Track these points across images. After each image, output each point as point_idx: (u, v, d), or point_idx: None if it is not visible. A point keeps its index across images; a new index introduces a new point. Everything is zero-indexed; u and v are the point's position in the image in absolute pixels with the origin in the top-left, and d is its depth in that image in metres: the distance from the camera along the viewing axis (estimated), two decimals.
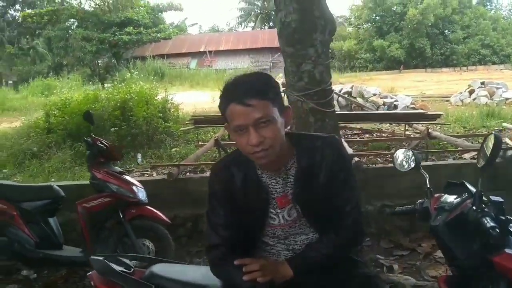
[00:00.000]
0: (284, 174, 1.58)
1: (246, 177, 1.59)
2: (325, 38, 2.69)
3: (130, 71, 17.11)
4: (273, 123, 1.42)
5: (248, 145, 1.42)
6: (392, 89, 15.60)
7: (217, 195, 1.61)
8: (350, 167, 1.64)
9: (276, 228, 1.63)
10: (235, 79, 1.47)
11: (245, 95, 1.39)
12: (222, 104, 1.47)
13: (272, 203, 1.60)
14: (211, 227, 1.63)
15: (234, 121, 1.43)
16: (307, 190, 1.57)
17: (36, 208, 3.54)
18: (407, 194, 4.40)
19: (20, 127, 8.90)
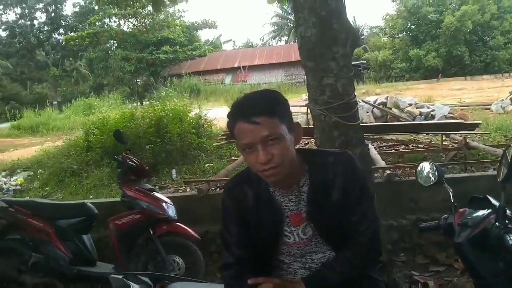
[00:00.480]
0: (296, 191, 1.56)
1: (259, 195, 1.57)
2: (346, 51, 2.66)
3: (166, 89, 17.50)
4: (281, 140, 1.40)
5: (257, 163, 1.41)
6: (430, 99, 15.23)
7: (230, 213, 1.61)
8: (364, 183, 1.59)
9: (291, 246, 1.61)
10: (243, 98, 1.47)
11: (252, 113, 1.39)
12: (230, 123, 1.47)
13: (286, 221, 1.58)
14: (225, 245, 1.63)
15: (241, 140, 1.43)
16: (320, 207, 1.54)
17: (70, 225, 3.65)
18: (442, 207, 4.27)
19: (61, 146, 9.23)
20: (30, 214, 3.60)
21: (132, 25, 30.02)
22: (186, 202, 4.53)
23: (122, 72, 28.97)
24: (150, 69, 29.96)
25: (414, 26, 34.42)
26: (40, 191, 6.81)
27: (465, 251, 1.54)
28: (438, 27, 32.27)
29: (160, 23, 29.36)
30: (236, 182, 1.65)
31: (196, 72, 31.04)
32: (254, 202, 1.58)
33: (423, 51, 32.03)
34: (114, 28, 30.07)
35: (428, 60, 31.58)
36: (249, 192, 1.58)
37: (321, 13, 2.60)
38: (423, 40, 33.35)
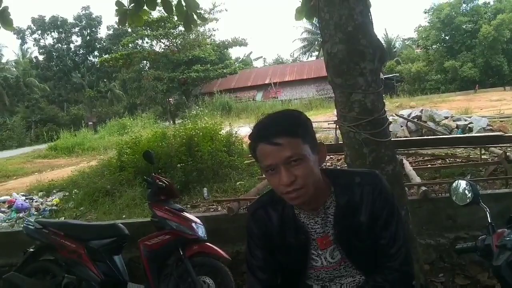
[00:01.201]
0: (323, 213, 1.50)
1: (283, 217, 1.53)
2: (374, 66, 2.59)
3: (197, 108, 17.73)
4: (304, 161, 1.35)
5: (280, 185, 1.36)
6: (467, 111, 14.82)
7: (254, 237, 1.57)
8: (393, 203, 1.51)
9: (319, 270, 1.54)
10: (264, 118, 1.43)
11: (273, 134, 1.35)
12: (251, 145, 1.43)
13: (313, 244, 1.52)
14: (250, 270, 1.58)
15: (263, 161, 1.38)
16: (348, 230, 1.48)
17: (102, 246, 3.67)
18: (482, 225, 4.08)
19: (95, 166, 9.44)
20: (63, 236, 3.65)
21: (164, 45, 30.75)
22: (216, 221, 4.51)
23: (155, 91, 29.60)
24: (182, 88, 30.51)
25: (448, 37, 33.81)
26: (75, 211, 6.94)
27: (504, 275, 1.44)
28: (473, 37, 31.58)
29: (191, 42, 29.92)
30: (259, 205, 1.60)
31: (227, 90, 31.40)
32: (279, 225, 1.53)
33: (459, 62, 31.37)
34: (147, 48, 30.89)
35: (464, 71, 30.89)
36: (274, 214, 1.54)
37: (347, 28, 2.55)
38: (458, 50, 32.67)
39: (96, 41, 40.40)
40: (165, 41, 30.31)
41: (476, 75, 30.85)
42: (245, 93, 33.61)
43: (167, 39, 29.93)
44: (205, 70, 29.00)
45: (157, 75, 28.83)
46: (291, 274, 1.57)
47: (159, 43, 30.78)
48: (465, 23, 32.14)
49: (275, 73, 35.79)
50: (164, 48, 30.60)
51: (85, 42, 40.05)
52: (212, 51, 30.50)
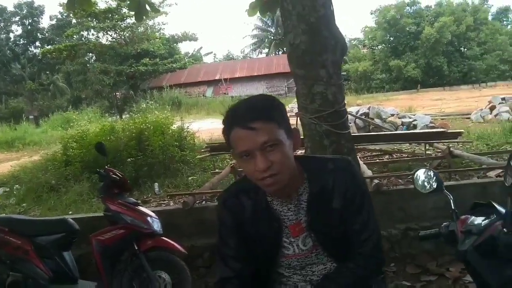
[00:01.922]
0: (296, 200, 1.48)
1: (256, 205, 1.49)
2: (336, 58, 2.62)
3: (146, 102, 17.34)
4: (280, 146, 1.33)
5: (256, 171, 1.33)
6: (410, 109, 15.44)
7: (226, 226, 1.52)
8: (365, 190, 1.52)
9: (290, 258, 1.53)
10: (238, 103, 1.39)
11: (248, 118, 1.31)
12: (225, 130, 1.38)
13: (285, 231, 1.50)
14: (221, 259, 1.53)
15: (238, 147, 1.34)
16: (321, 216, 1.47)
17: (50, 242, 3.48)
18: (432, 216, 4.25)
19: (38, 160, 9.01)
20: (7, 231, 3.42)
21: (111, 38, 29.83)
22: (171, 216, 4.41)
23: (101, 85, 28.66)
24: (129, 82, 29.76)
25: (393, 38, 35.16)
26: (17, 207, 6.58)
27: (470, 259, 1.48)
28: (416, 39, 33.01)
29: (139, 35, 29.24)
30: (231, 192, 1.56)
31: (177, 85, 30.94)
32: (251, 212, 1.50)
33: (403, 62, 32.68)
34: (93, 41, 29.80)
35: (408, 71, 32.23)
36: (246, 202, 1.50)
37: (310, 19, 2.56)
38: (402, 51, 34.05)
39: (38, 31, 38.60)
40: (112, 34, 29.40)
41: (419, 75, 32.29)
42: (195, 88, 33.29)
43: (114, 32, 29.04)
44: (154, 64, 28.45)
45: (104, 68, 27.92)
46: (263, 262, 1.55)
47: (106, 35, 29.83)
48: (409, 25, 33.54)
49: (226, 69, 35.70)
50: (111, 40, 29.68)
51: (26, 31, 38.17)
52: (161, 45, 29.95)
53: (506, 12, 41.47)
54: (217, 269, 1.55)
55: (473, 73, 32.83)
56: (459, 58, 33.85)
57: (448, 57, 33.37)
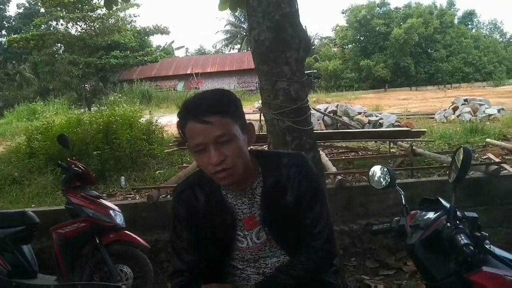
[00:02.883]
0: (250, 194, 1.51)
1: (210, 198, 1.51)
2: (299, 55, 2.65)
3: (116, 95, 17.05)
4: (234, 140, 1.35)
5: (209, 164, 1.35)
6: (377, 107, 15.73)
7: (180, 218, 1.53)
8: (318, 184, 1.55)
9: (244, 251, 1.55)
10: (194, 96, 1.41)
11: (203, 112, 1.32)
12: (180, 123, 1.39)
13: (239, 225, 1.52)
14: (174, 251, 1.55)
15: (193, 140, 1.35)
16: (274, 210, 1.50)
17: (9, 235, 3.41)
18: (392, 212, 4.36)
19: (1, 152, 8.76)
20: None
21: (81, 29, 29.12)
22: (135, 210, 4.40)
23: (70, 76, 27.96)
24: (99, 74, 29.16)
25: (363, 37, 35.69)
26: None
27: (417, 252, 1.54)
28: (386, 39, 33.60)
29: (110, 27, 28.64)
30: (186, 185, 1.57)
31: (148, 78, 30.54)
32: (205, 205, 1.51)
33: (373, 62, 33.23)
34: (61, 31, 29.02)
35: (377, 70, 32.81)
36: (200, 195, 1.52)
37: (275, 17, 2.58)
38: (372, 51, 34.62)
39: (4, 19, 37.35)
40: (82, 24, 28.66)
41: (388, 75, 32.91)
42: (166, 82, 32.93)
43: (84, 22, 28.33)
44: (125, 56, 27.92)
45: (73, 59, 27.20)
46: (217, 255, 1.56)
47: (75, 26, 29.06)
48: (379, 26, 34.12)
49: (197, 64, 35.43)
50: (81, 31, 28.96)
51: None
52: (132, 37, 29.43)
53: (471, 16, 42.73)
54: (171, 261, 1.57)
55: (439, 74, 33.72)
56: (426, 60, 34.71)
57: (416, 58, 34.18)
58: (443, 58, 33.99)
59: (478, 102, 13.15)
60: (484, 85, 29.61)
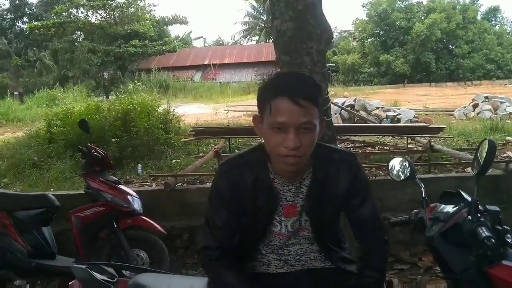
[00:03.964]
0: (298, 183, 1.51)
1: (258, 179, 1.49)
2: (321, 46, 2.65)
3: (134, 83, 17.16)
4: (313, 131, 1.36)
5: (283, 146, 1.34)
6: (396, 103, 15.57)
7: (222, 195, 1.51)
8: (368, 182, 1.61)
9: (275, 236, 1.57)
10: (286, 73, 1.44)
11: (300, 94, 1.31)
12: (267, 94, 1.37)
13: (279, 209, 1.53)
14: (209, 227, 1.54)
15: (277, 116, 1.32)
16: (319, 201, 1.52)
17: (29, 217, 3.49)
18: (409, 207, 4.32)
19: (22, 137, 8.92)
20: None
21: (101, 17, 29.35)
22: (152, 196, 4.44)
23: (89, 64, 28.28)
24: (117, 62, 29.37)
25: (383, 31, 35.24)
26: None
27: (436, 245, 1.54)
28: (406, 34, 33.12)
29: (129, 16, 28.80)
30: (235, 164, 1.53)
31: (165, 68, 30.68)
32: (251, 185, 1.49)
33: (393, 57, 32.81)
34: (81, 19, 29.28)
35: (397, 65, 32.38)
36: (248, 175, 1.50)
37: (297, 7, 2.58)
38: (391, 46, 34.19)
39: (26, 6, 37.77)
40: (102, 13, 28.90)
41: (407, 70, 32.48)
42: (184, 72, 33.02)
43: (104, 11, 28.56)
44: (143, 45, 28.06)
45: (92, 47, 27.46)
46: (250, 237, 1.58)
47: (95, 14, 29.30)
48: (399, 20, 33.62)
49: (215, 54, 35.46)
50: (101, 20, 29.19)
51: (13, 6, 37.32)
52: (151, 27, 29.51)
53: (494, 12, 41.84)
54: (203, 236, 1.57)
55: (460, 71, 33.15)
56: (447, 56, 34.14)
57: (437, 54, 33.62)
58: (464, 54, 33.39)
59: (499, 99, 12.92)
60: (506, 83, 28.99)
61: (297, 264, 1.60)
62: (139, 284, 1.64)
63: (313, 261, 1.61)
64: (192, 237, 4.28)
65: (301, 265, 1.61)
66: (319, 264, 1.62)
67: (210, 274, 1.54)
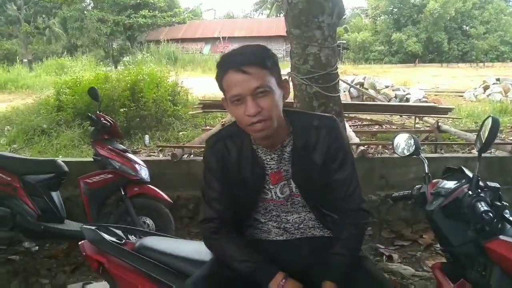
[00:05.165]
0: (279, 151, 1.56)
1: (242, 151, 1.56)
2: (332, 21, 2.64)
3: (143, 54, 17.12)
4: (271, 93, 1.39)
5: (245, 116, 1.39)
6: (406, 83, 15.43)
7: (212, 169, 1.59)
8: (348, 148, 1.60)
9: (268, 202, 1.61)
10: (234, 49, 1.45)
11: (243, 62, 1.36)
12: (219, 74, 1.43)
13: (266, 178, 1.58)
14: (206, 201, 1.61)
15: (231, 91, 1.39)
16: (302, 167, 1.55)
17: (39, 181, 3.56)
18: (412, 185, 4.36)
19: (31, 104, 8.99)
20: None
21: None
22: (159, 166, 4.50)
23: (98, 34, 28.14)
24: (127, 33, 29.24)
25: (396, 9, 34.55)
26: (7, 147, 6.62)
27: (435, 219, 1.57)
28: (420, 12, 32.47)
29: None
30: (219, 137, 1.61)
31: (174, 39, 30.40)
32: (236, 157, 1.56)
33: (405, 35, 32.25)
34: None
35: (409, 44, 31.86)
36: (232, 147, 1.57)
37: None
38: (404, 24, 33.58)
39: None
40: None
41: (419, 49, 31.98)
42: (193, 44, 32.75)
43: None
44: (153, 16, 27.88)
45: (101, 16, 27.32)
46: (243, 206, 1.63)
47: None
48: None
49: (225, 27, 35.09)
50: None
51: None
52: None
53: None
54: (202, 209, 1.63)
55: (473, 52, 32.55)
56: (461, 36, 33.50)
57: (450, 34, 32.99)
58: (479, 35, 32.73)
59: (511, 82, 12.75)
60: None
61: (296, 232, 1.65)
62: (146, 246, 1.70)
63: (312, 229, 1.65)
64: (197, 207, 4.35)
65: (301, 233, 1.65)
66: (318, 232, 1.66)
67: (212, 248, 1.61)
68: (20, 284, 3.25)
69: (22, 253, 3.77)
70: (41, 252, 3.82)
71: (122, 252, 1.68)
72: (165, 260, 1.67)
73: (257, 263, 1.49)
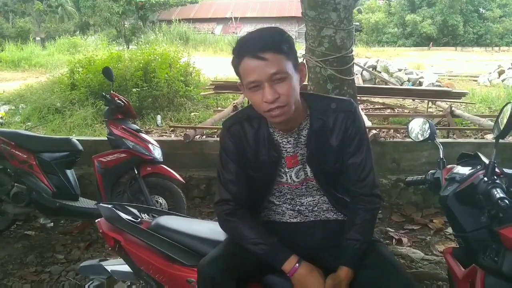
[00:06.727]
0: (296, 134, 1.56)
1: (258, 133, 1.56)
2: (348, 2, 2.60)
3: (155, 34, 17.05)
4: (288, 78, 1.38)
5: (263, 102, 1.39)
6: (419, 66, 15.25)
7: (228, 151, 1.59)
8: (365, 132, 1.59)
9: (283, 185, 1.63)
10: (248, 34, 1.43)
11: (259, 48, 1.35)
12: (235, 60, 1.42)
13: (282, 161, 1.59)
14: (221, 182, 1.61)
15: (247, 77, 1.39)
16: (318, 152, 1.55)
17: (54, 159, 3.62)
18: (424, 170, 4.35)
19: (45, 82, 9.05)
20: (14, 145, 3.55)
21: None
22: (172, 147, 4.54)
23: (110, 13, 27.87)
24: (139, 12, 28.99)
25: None
26: (22, 125, 6.71)
27: (449, 204, 1.56)
28: None
29: None
30: (236, 120, 1.61)
31: (186, 19, 30.22)
32: (253, 141, 1.57)
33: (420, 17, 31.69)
34: None
35: (423, 27, 31.33)
36: (249, 131, 1.57)
37: None
38: (419, 5, 32.96)
39: None
40: None
41: (434, 32, 31.44)
42: (204, 24, 32.57)
43: None
44: None
45: None
46: (258, 189, 1.64)
47: None
48: None
49: (237, 8, 34.75)
50: None
51: None
52: None
53: None
54: (217, 191, 1.64)
55: (489, 36, 31.94)
56: (476, 19, 32.84)
57: (465, 17, 32.35)
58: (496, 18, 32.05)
59: None
60: None
61: (310, 214, 1.66)
62: (161, 225, 1.74)
63: (325, 212, 1.66)
64: (208, 188, 4.40)
65: (314, 216, 1.66)
66: (331, 215, 1.67)
67: (227, 229, 1.62)
68: (35, 258, 3.33)
69: (38, 228, 3.86)
70: (56, 228, 3.90)
71: (138, 231, 1.72)
72: (180, 239, 1.70)
73: (272, 245, 1.50)
